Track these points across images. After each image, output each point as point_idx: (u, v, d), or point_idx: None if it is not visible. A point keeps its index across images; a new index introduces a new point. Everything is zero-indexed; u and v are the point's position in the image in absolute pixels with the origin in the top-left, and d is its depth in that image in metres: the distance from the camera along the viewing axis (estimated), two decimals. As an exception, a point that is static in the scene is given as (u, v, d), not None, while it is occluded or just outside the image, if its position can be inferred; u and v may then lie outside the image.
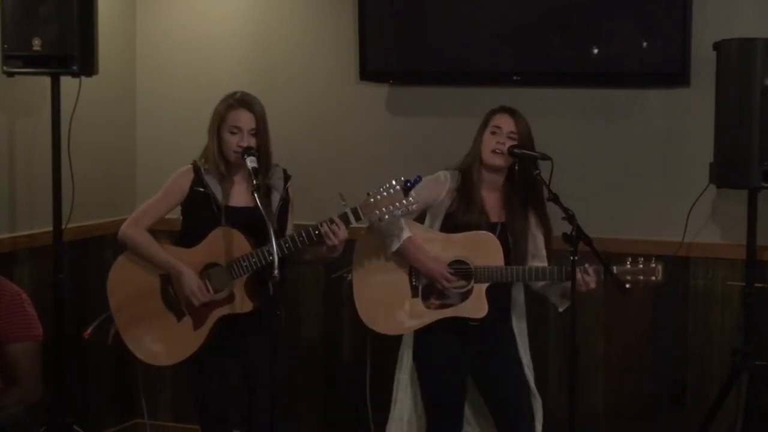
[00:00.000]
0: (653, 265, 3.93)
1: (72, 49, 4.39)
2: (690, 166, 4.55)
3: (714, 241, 4.59)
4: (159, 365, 4.04)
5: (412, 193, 3.78)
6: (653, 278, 3.93)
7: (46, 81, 4.53)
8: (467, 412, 4.16)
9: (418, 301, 4.02)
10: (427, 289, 4.01)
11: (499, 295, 4.02)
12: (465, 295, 3.98)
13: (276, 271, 3.56)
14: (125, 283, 4.00)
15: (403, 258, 4.01)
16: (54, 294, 4.55)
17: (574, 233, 3.75)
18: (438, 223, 4.06)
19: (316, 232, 3.82)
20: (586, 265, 3.88)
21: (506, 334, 4.11)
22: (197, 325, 3.91)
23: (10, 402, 3.85)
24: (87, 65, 4.45)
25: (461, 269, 3.98)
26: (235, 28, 5.19)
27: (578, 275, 3.82)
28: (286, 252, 3.82)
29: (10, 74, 4.44)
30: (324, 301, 5.11)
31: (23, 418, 3.90)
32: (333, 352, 5.13)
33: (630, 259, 3.93)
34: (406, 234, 3.97)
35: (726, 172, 4.25)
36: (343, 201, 3.81)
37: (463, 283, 3.98)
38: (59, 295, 4.55)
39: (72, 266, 4.84)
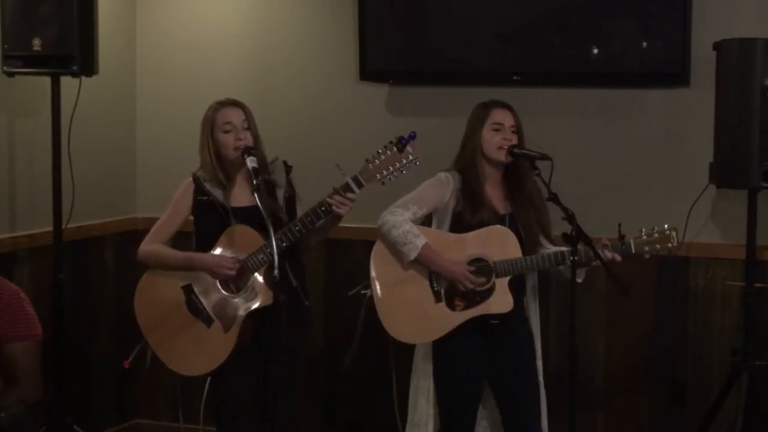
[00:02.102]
0: (668, 232, 3.92)
1: (72, 49, 4.39)
2: (690, 166, 4.55)
3: (714, 241, 4.59)
4: (200, 375, 4.04)
5: (409, 148, 3.77)
6: (670, 245, 3.92)
7: (46, 81, 4.53)
8: (480, 408, 4.15)
9: (443, 305, 3.99)
10: (450, 291, 3.99)
11: (513, 285, 4.00)
12: (488, 292, 3.96)
13: (276, 271, 3.57)
14: (150, 303, 4.04)
15: (422, 265, 3.99)
16: (54, 294, 4.55)
17: (574, 233, 3.75)
18: (446, 225, 4.04)
19: (322, 208, 3.83)
20: (605, 241, 3.90)
21: (524, 330, 4.09)
22: (227, 327, 3.92)
23: (10, 402, 3.85)
24: (87, 65, 4.45)
25: (481, 266, 3.97)
26: (235, 28, 5.19)
27: (602, 253, 3.84)
28: (298, 236, 3.82)
29: (10, 74, 4.44)
30: (324, 300, 5.10)
31: (23, 418, 3.90)
32: (333, 351, 5.13)
33: (644, 230, 3.93)
34: (422, 241, 3.94)
35: (726, 172, 4.25)
36: (342, 171, 3.82)
37: (483, 280, 3.97)
38: (59, 295, 4.55)
39: (72, 266, 4.84)
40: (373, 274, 4.06)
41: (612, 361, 4.76)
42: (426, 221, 4.12)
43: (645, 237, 3.92)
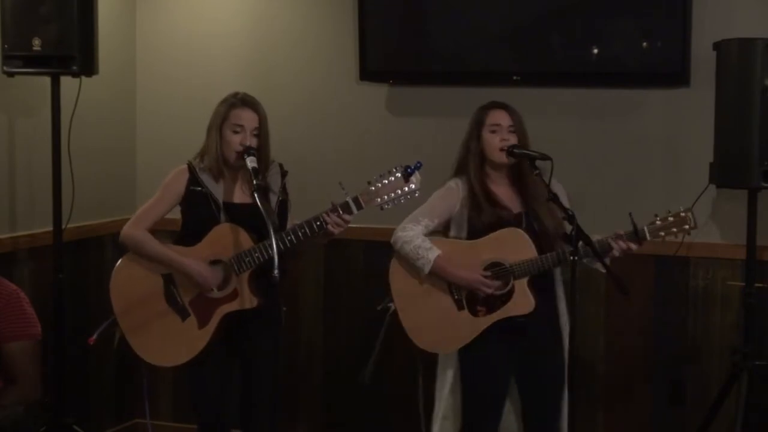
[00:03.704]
0: (683, 214, 3.89)
1: (72, 49, 4.39)
2: (690, 166, 4.55)
3: (714, 241, 4.59)
4: (165, 366, 4.03)
5: (413, 178, 3.77)
6: (686, 227, 3.88)
7: (46, 81, 4.53)
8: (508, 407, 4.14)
9: (465, 312, 4.00)
10: (471, 298, 3.99)
11: (541, 283, 3.98)
12: (509, 294, 3.96)
13: (276, 271, 3.56)
14: (127, 286, 4.00)
15: (438, 276, 3.99)
16: (54, 294, 4.54)
17: (574, 233, 3.74)
18: (464, 232, 4.04)
19: (318, 223, 3.81)
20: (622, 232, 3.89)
21: (553, 329, 4.05)
22: (202, 324, 3.90)
23: (9, 402, 3.85)
24: (87, 65, 4.45)
25: (498, 270, 3.97)
26: (235, 28, 5.19)
27: (615, 245, 3.84)
28: (289, 246, 3.81)
29: (10, 74, 4.44)
30: (324, 299, 5.10)
31: (23, 418, 3.90)
32: (333, 350, 5.13)
33: (658, 216, 3.90)
34: (434, 253, 3.94)
35: (726, 172, 4.25)
36: (344, 190, 3.81)
37: (499, 284, 3.96)
38: (59, 295, 4.55)
39: (72, 266, 4.84)
40: (393, 289, 4.05)
41: (612, 361, 4.76)
42: (444, 229, 4.12)
43: (659, 222, 3.90)
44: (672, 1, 4.49)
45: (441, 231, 4.12)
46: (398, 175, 3.78)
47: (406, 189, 3.79)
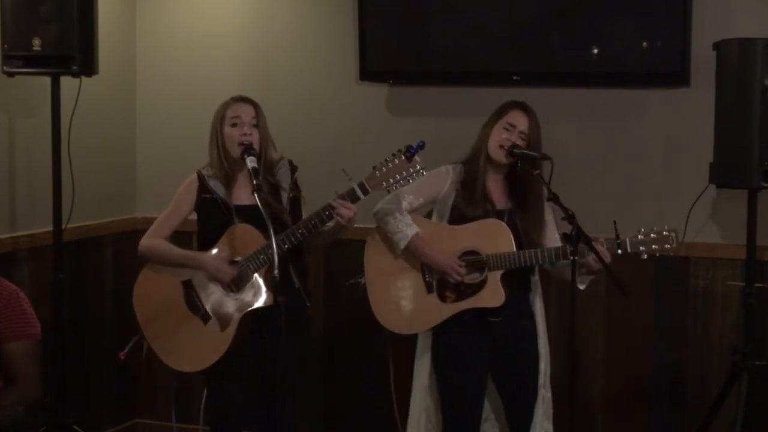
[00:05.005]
0: (666, 233, 3.90)
1: (72, 49, 4.39)
2: (690, 166, 4.55)
3: (714, 241, 4.59)
4: (192, 371, 4.02)
5: (417, 158, 3.76)
6: (668, 246, 3.89)
7: (46, 81, 4.53)
8: (488, 407, 4.14)
9: (434, 296, 4.00)
10: (442, 283, 3.99)
11: (517, 284, 3.99)
12: (480, 285, 3.95)
13: (276, 271, 3.56)
14: (149, 296, 4.03)
15: (413, 255, 4.00)
16: (54, 294, 4.54)
17: (574, 233, 3.74)
18: (446, 218, 4.05)
19: (327, 213, 3.81)
20: (602, 239, 3.87)
21: (529, 329, 4.07)
22: (224, 326, 3.92)
23: (9, 401, 3.85)
24: (87, 65, 4.46)
25: (473, 259, 3.96)
26: (236, 28, 5.19)
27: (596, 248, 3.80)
28: (301, 238, 3.82)
29: (10, 74, 4.44)
30: (324, 299, 5.10)
31: (23, 418, 3.90)
32: (333, 350, 5.13)
33: (642, 230, 3.90)
34: (413, 230, 3.96)
35: (726, 172, 4.25)
36: (348, 176, 3.81)
37: (476, 274, 3.96)
38: (59, 295, 4.55)
39: (72, 266, 4.84)
40: (366, 263, 4.08)
41: (612, 361, 4.76)
42: (428, 214, 4.12)
43: (641, 237, 3.91)
44: (672, 1, 4.49)
45: (424, 215, 4.13)
46: (402, 157, 3.78)
47: (411, 170, 3.78)
